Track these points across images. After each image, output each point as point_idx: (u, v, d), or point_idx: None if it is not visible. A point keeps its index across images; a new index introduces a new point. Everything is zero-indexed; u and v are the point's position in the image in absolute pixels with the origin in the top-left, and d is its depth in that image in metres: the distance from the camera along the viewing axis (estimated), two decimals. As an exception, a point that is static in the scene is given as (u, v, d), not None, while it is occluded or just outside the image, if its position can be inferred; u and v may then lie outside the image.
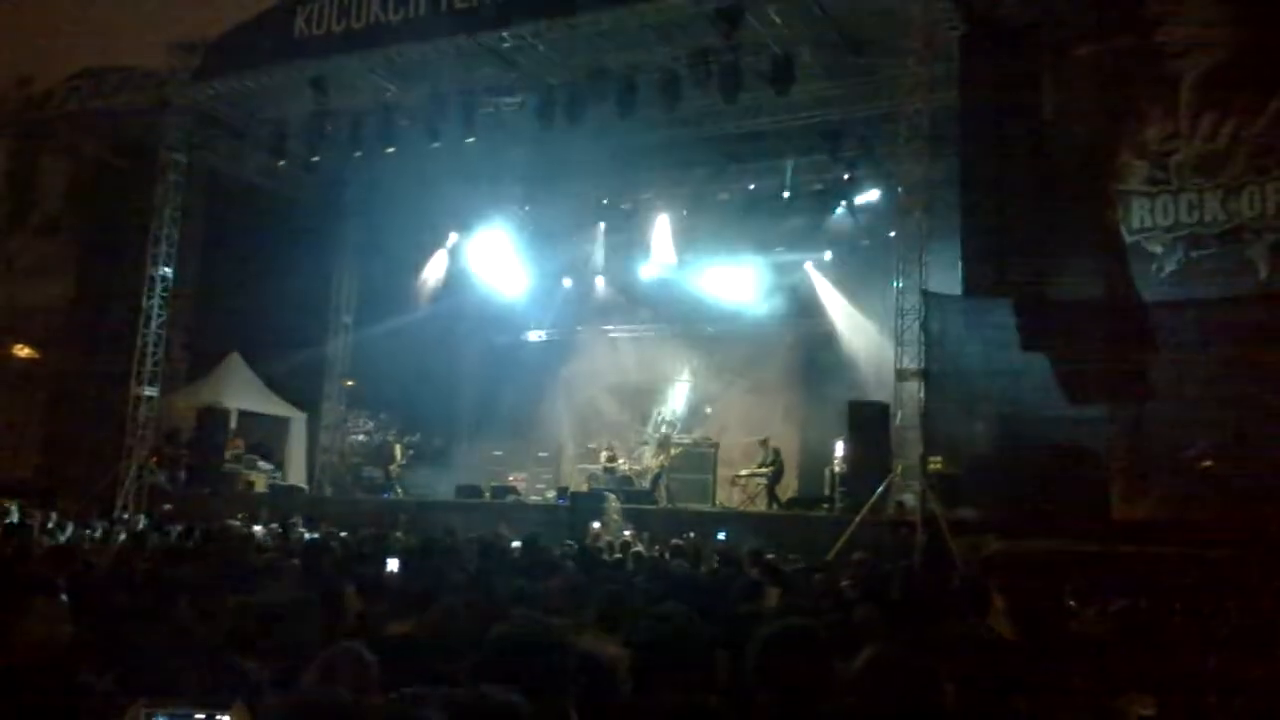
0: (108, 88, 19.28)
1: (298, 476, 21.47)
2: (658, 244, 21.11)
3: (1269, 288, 12.04)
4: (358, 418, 22.67)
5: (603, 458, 19.61)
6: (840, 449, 16.45)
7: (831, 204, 18.84)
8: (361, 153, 18.38)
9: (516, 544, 10.18)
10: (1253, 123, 12.22)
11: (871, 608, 5.51)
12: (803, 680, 3.10)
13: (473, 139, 17.06)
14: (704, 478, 18.79)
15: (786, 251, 20.62)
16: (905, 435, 13.84)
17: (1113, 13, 13.32)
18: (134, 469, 17.79)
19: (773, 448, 18.03)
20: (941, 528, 12.26)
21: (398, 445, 21.20)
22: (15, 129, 20.93)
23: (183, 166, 18.73)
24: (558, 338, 23.77)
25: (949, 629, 5.05)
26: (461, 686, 1.76)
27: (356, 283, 22.91)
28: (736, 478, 18.54)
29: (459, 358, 22.87)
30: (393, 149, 17.81)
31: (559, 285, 23.24)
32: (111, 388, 18.87)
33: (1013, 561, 10.25)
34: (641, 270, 21.83)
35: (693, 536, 12.77)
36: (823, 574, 8.27)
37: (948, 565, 10.52)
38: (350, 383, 22.84)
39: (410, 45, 16.30)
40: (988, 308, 13.36)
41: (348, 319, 22.91)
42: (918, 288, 13.92)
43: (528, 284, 23.04)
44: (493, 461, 21.63)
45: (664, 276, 21.53)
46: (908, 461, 13.71)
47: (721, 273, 20.97)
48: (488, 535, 11.66)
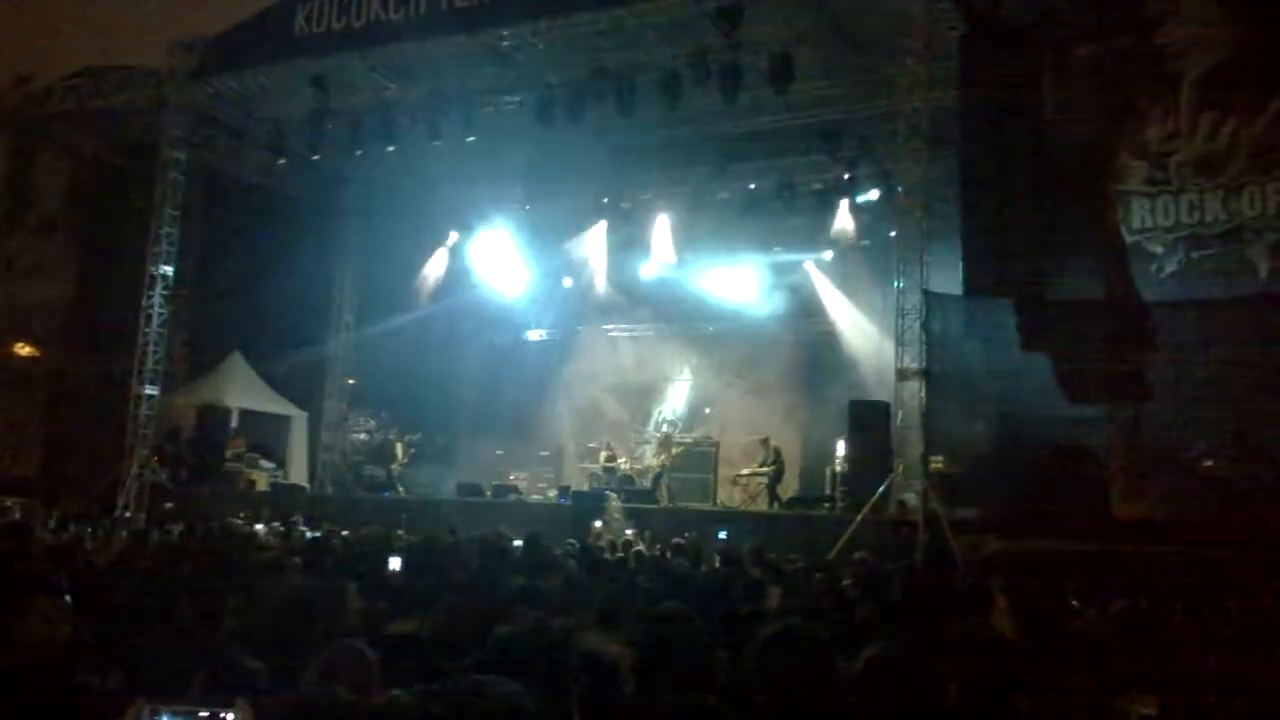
0: (107, 86, 19.23)
1: (299, 475, 21.45)
2: (658, 243, 21.09)
3: (1269, 288, 12.04)
4: (359, 416, 22.65)
5: (602, 458, 19.61)
6: (841, 448, 16.46)
7: (832, 203, 18.82)
8: (362, 151, 18.36)
9: (518, 543, 10.17)
10: (1253, 122, 12.22)
11: (873, 607, 5.51)
12: (803, 680, 3.09)
13: (473, 138, 17.05)
14: (705, 477, 18.79)
15: (786, 251, 20.66)
16: (906, 435, 13.85)
17: (1113, 13, 13.31)
18: (135, 468, 17.77)
19: (774, 447, 18.00)
20: (943, 527, 12.27)
21: (399, 444, 21.19)
22: (14, 128, 20.88)
23: (183, 165, 18.67)
24: (558, 337, 23.78)
25: (950, 628, 5.05)
26: (463, 679, 1.75)
27: (357, 281, 22.90)
28: (737, 477, 18.52)
29: (460, 356, 22.85)
30: (393, 148, 17.80)
31: (559, 284, 23.24)
32: (112, 387, 18.85)
33: (1013, 561, 10.25)
34: (642, 269, 21.82)
35: (690, 536, 12.75)
36: (824, 573, 8.26)
37: (949, 565, 10.52)
38: (352, 381, 22.84)
39: (411, 44, 16.30)
40: (988, 307, 13.37)
41: (349, 317, 22.90)
42: (918, 287, 13.92)
43: (528, 283, 23.06)
44: (494, 460, 21.60)
45: (664, 276, 21.53)
46: (909, 461, 13.72)
47: (722, 272, 20.98)
48: (489, 534, 11.65)
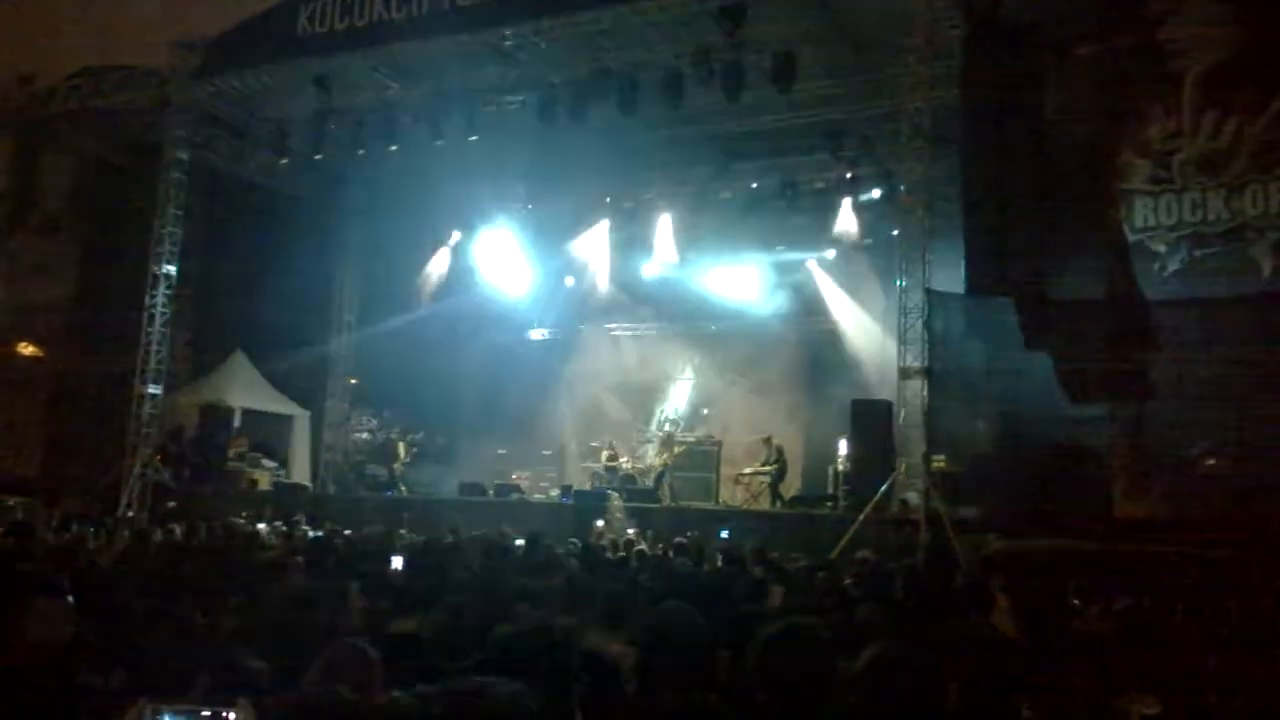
0: (109, 86, 19.23)
1: (301, 474, 21.46)
2: (660, 242, 21.08)
3: (1272, 286, 12.02)
4: (361, 416, 22.67)
5: (603, 457, 19.61)
6: (843, 447, 16.46)
7: (834, 203, 18.81)
8: (364, 151, 18.37)
9: (520, 542, 10.19)
10: (1255, 121, 12.20)
11: (875, 606, 5.51)
12: (805, 679, 3.09)
13: (475, 137, 17.04)
14: (707, 476, 18.79)
15: (789, 250, 20.64)
16: (908, 434, 13.85)
17: (1114, 12, 13.30)
18: (137, 467, 17.78)
19: (776, 446, 17.98)
20: (945, 526, 12.27)
21: (401, 443, 21.20)
22: (17, 128, 20.89)
23: (185, 165, 18.69)
24: (560, 336, 23.77)
25: (952, 628, 5.06)
26: (464, 679, 1.75)
27: (359, 281, 22.90)
28: (740, 476, 18.52)
29: (462, 356, 22.84)
30: (395, 147, 17.80)
31: (561, 284, 23.21)
32: (114, 386, 18.87)
33: (1015, 560, 10.25)
34: (644, 269, 21.81)
35: (692, 535, 12.75)
36: (826, 572, 8.27)
37: (951, 564, 10.51)
38: (354, 381, 22.85)
39: (413, 43, 16.31)
40: (990, 306, 13.36)
41: (350, 317, 22.90)
42: (920, 286, 13.92)
43: (530, 282, 23.04)
44: (496, 460, 21.58)
45: (666, 275, 21.50)
46: (911, 460, 13.71)
47: (724, 271, 20.96)
48: (491, 534, 11.67)
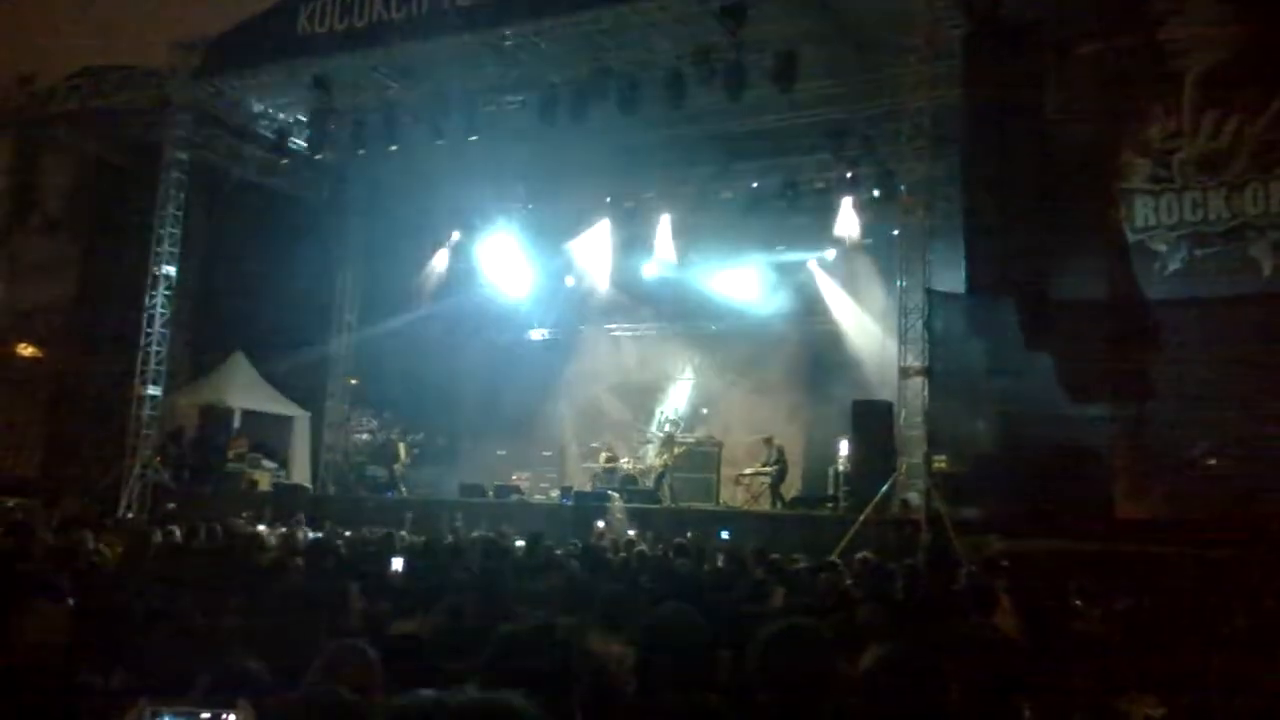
0: (109, 86, 19.23)
1: (301, 475, 21.43)
2: (661, 242, 21.06)
3: (1272, 286, 12.03)
4: (361, 416, 22.64)
5: (602, 458, 19.57)
6: (844, 448, 16.43)
7: (835, 202, 18.78)
8: (364, 151, 18.36)
9: (520, 543, 10.18)
10: (1256, 120, 12.20)
11: (876, 607, 5.50)
12: (806, 679, 3.08)
13: (475, 137, 17.02)
14: (708, 477, 18.76)
15: (790, 250, 20.62)
16: (909, 434, 13.84)
17: (1115, 11, 13.30)
18: (137, 468, 17.77)
19: (776, 446, 17.95)
20: (946, 527, 12.25)
21: (401, 444, 21.16)
22: (17, 128, 20.88)
23: (185, 165, 18.68)
24: (561, 336, 23.75)
25: (953, 628, 5.05)
26: (466, 689, 1.73)
27: (359, 281, 22.85)
28: (740, 477, 18.49)
29: (462, 356, 22.83)
30: (395, 147, 17.79)
31: (562, 284, 23.18)
32: (114, 387, 18.86)
33: (1016, 561, 10.23)
34: (644, 269, 21.77)
35: (693, 536, 12.73)
36: (828, 573, 8.26)
37: (952, 565, 10.50)
38: (354, 381, 22.82)
39: (413, 43, 16.28)
40: (991, 306, 13.34)
41: (350, 317, 22.85)
42: (921, 286, 13.92)
43: (531, 282, 23.02)
44: (496, 461, 21.57)
45: (667, 275, 21.48)
46: (912, 460, 13.70)
47: (725, 271, 20.95)
48: (491, 535, 11.66)
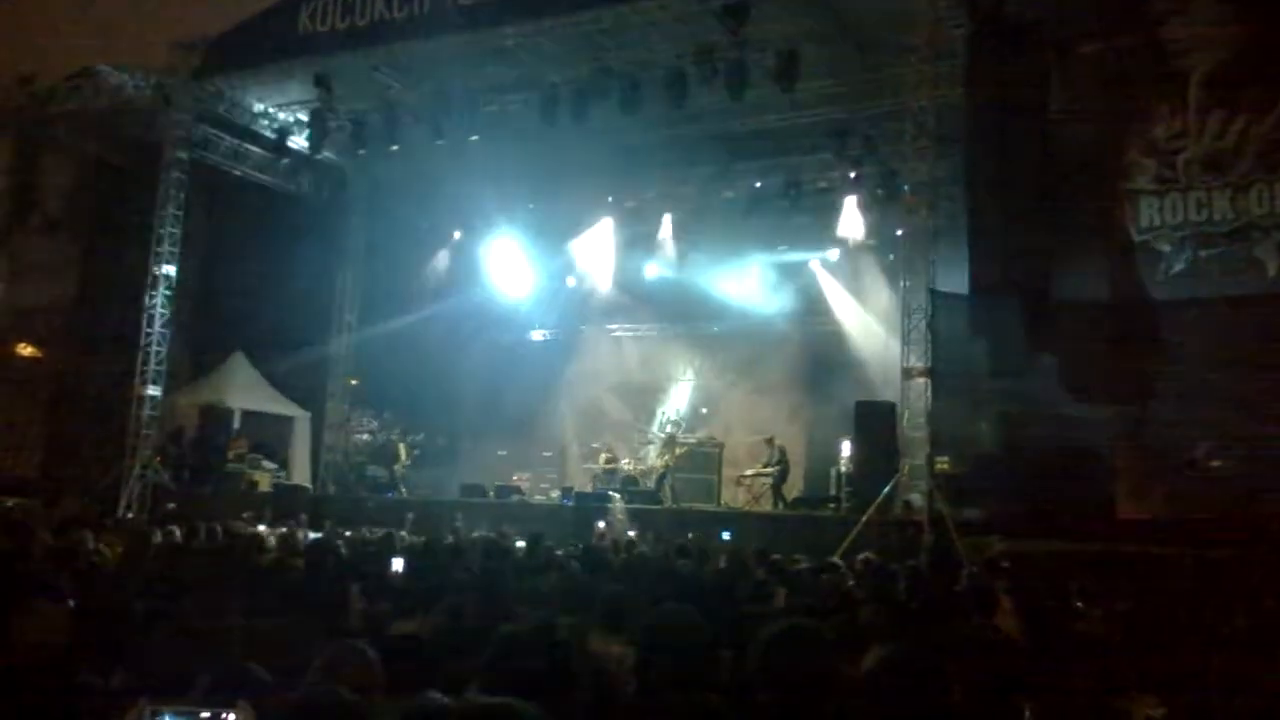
0: (109, 86, 19.22)
1: (302, 476, 21.40)
2: (662, 242, 21.05)
3: (1276, 286, 11.99)
4: (361, 417, 22.61)
5: (602, 459, 19.56)
6: (846, 448, 16.41)
7: (837, 202, 18.75)
8: (365, 151, 18.37)
9: (520, 544, 10.16)
10: (1261, 120, 12.16)
11: (878, 608, 5.48)
12: (807, 680, 3.07)
13: (476, 137, 17.04)
14: (709, 477, 18.74)
15: (792, 250, 20.61)
16: (912, 435, 13.81)
17: (1117, 11, 13.26)
18: (137, 468, 17.76)
19: (778, 447, 17.92)
20: (948, 528, 12.23)
21: (402, 445, 21.14)
22: (17, 128, 20.87)
23: (185, 165, 18.65)
24: (562, 337, 23.77)
25: (955, 629, 5.03)
26: (468, 693, 1.72)
27: (360, 281, 22.80)
28: (742, 477, 18.46)
29: (463, 356, 22.82)
30: (396, 147, 17.80)
31: (563, 284, 23.19)
32: (114, 387, 18.85)
33: (1018, 562, 10.21)
34: (646, 269, 21.78)
35: (694, 536, 12.72)
36: (830, 574, 8.24)
37: (954, 565, 10.47)
38: (354, 381, 22.79)
39: (414, 43, 16.28)
40: (994, 306, 13.31)
41: (351, 317, 22.80)
42: (924, 286, 13.89)
43: (532, 282, 23.03)
44: (497, 461, 21.58)
45: (668, 275, 21.48)
46: (914, 461, 13.67)
47: (727, 271, 20.93)
48: (492, 535, 11.65)
